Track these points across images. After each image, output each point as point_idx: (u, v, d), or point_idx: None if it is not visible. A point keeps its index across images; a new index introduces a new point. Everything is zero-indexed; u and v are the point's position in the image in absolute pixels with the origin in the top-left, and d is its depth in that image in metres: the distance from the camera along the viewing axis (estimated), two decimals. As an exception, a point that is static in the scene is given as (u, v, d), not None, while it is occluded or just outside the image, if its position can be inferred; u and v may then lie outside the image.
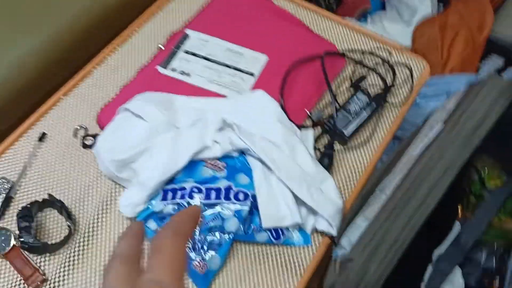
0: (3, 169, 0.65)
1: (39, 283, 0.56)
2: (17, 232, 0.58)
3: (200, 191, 0.60)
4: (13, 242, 0.58)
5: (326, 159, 0.66)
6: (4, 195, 0.62)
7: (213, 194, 0.60)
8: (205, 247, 0.58)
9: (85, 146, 0.68)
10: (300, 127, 0.70)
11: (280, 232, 0.61)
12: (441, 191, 0.49)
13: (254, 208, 0.61)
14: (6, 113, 0.71)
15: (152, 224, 0.60)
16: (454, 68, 1.13)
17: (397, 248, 0.46)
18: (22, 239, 0.56)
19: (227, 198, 0.60)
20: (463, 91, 0.59)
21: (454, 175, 0.50)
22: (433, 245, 0.62)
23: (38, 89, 0.75)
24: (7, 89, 0.71)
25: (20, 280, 0.57)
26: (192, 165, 0.63)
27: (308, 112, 0.71)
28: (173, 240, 0.25)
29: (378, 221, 0.49)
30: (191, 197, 0.60)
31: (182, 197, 0.60)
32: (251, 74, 0.74)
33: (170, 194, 0.61)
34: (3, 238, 0.58)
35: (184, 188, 0.61)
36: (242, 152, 0.66)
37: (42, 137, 0.68)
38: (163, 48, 0.78)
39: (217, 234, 0.59)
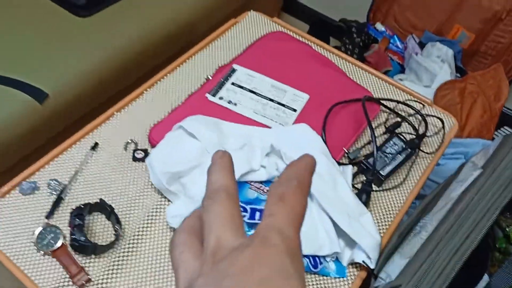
0: (56, 172, 0.68)
1: (84, 282, 0.57)
2: (66, 231, 0.59)
3: (245, 210, 0.63)
4: (61, 240, 0.59)
5: (364, 195, 0.69)
6: (56, 195, 0.64)
7: (257, 215, 0.63)
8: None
9: (135, 159, 0.71)
10: (338, 163, 0.74)
11: (318, 261, 0.63)
12: (483, 230, 0.52)
13: (293, 233, 0.63)
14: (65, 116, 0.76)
15: (195, 238, 0.62)
16: (471, 132, 1.19)
17: (447, 275, 0.48)
18: (74, 236, 0.58)
19: (270, 220, 0.62)
20: (499, 142, 0.64)
21: (494, 217, 0.53)
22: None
23: (94, 100, 0.79)
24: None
25: (65, 277, 0.58)
26: (239, 186, 0.66)
27: (346, 150, 0.76)
28: (296, 191, 0.24)
29: (423, 251, 0.52)
30: (236, 215, 0.62)
31: (227, 214, 0.62)
32: (294, 110, 0.79)
33: (215, 211, 0.63)
34: (52, 235, 0.60)
35: (229, 207, 0.63)
36: (284, 180, 0.69)
37: (94, 147, 0.71)
38: (211, 78, 0.83)
39: (258, 254, 0.61)
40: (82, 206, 0.61)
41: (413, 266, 0.50)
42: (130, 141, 0.73)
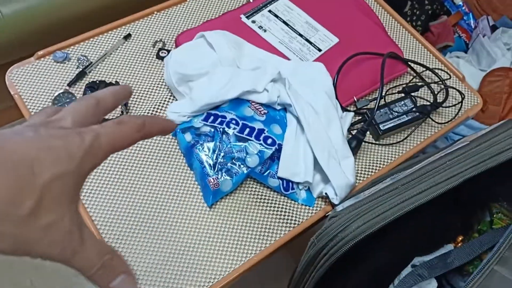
0: (88, 49, 0.76)
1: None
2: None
3: (237, 124, 0.68)
4: (75, 105, 0.68)
5: (354, 142, 0.72)
6: (81, 69, 0.73)
7: (246, 130, 0.68)
8: (223, 171, 0.66)
9: (158, 56, 0.77)
10: (343, 109, 0.76)
11: (291, 185, 0.68)
12: (438, 191, 0.53)
13: (276, 156, 0.68)
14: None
15: (188, 137, 0.69)
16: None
17: (382, 219, 0.51)
18: (84, 104, 0.66)
19: (257, 138, 0.67)
20: (498, 124, 0.63)
21: (455, 184, 0.54)
22: (419, 254, 0.66)
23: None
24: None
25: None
26: (239, 101, 0.71)
27: (355, 98, 0.77)
28: (129, 127, 0.29)
29: (374, 195, 0.55)
30: (228, 125, 0.68)
31: (221, 123, 0.68)
32: (319, 50, 0.81)
33: (211, 118, 0.69)
34: (68, 100, 0.69)
35: (224, 117, 0.69)
36: (285, 109, 0.73)
37: (127, 37, 0.78)
38: (251, 1, 0.86)
39: (237, 164, 0.66)
40: (97, 82, 0.69)
41: (359, 203, 0.54)
42: (159, 40, 0.79)
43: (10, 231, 0.23)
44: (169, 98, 0.74)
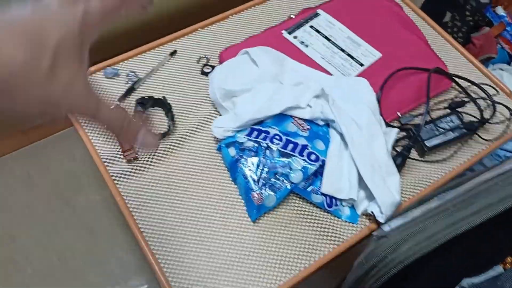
0: (136, 66, 0.78)
1: (132, 158, 0.68)
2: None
3: (280, 139, 0.68)
4: (124, 120, 0.70)
5: (399, 159, 0.71)
6: (130, 84, 0.75)
7: (290, 146, 0.68)
8: (267, 186, 0.66)
9: (203, 72, 0.79)
10: (387, 124, 0.75)
11: (334, 201, 0.68)
12: (491, 214, 0.52)
13: (319, 172, 0.68)
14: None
15: (232, 151, 0.70)
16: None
17: (434, 241, 0.50)
18: (133, 119, 0.68)
19: (300, 154, 0.67)
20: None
21: (509, 205, 0.52)
22: (467, 274, 0.64)
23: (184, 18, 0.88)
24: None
25: (118, 151, 0.69)
26: (282, 117, 0.71)
27: (399, 114, 0.76)
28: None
29: (424, 216, 0.54)
30: (271, 141, 0.68)
31: (264, 138, 0.68)
32: (361, 64, 0.81)
33: (255, 133, 0.70)
34: (118, 115, 0.71)
35: (268, 132, 0.69)
36: (327, 124, 0.73)
37: (173, 53, 0.80)
38: (293, 17, 0.87)
39: (281, 179, 0.67)
40: (147, 98, 0.71)
41: (409, 224, 0.53)
42: (203, 56, 0.81)
43: (36, 93, 0.27)
44: (214, 113, 0.75)
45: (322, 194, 0.67)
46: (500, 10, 1.47)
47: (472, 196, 0.55)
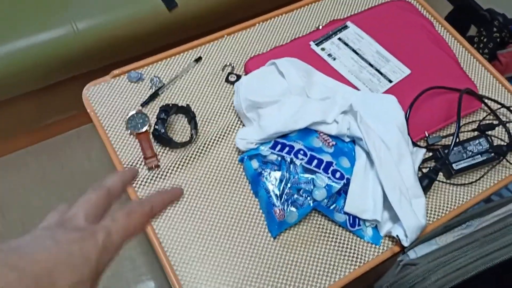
0: (161, 71, 0.77)
1: (153, 165, 0.67)
2: (154, 121, 0.69)
3: (305, 154, 0.67)
4: (147, 126, 0.70)
5: (426, 181, 0.69)
6: (154, 89, 0.74)
7: (314, 162, 0.67)
8: (289, 202, 0.65)
9: (227, 80, 0.78)
10: (414, 144, 0.73)
11: (357, 222, 0.66)
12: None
13: (343, 191, 0.66)
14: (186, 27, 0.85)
15: (255, 164, 0.68)
16: None
17: (465, 272, 0.48)
18: (156, 127, 0.67)
19: (325, 170, 0.66)
20: None
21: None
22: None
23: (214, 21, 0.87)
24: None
25: (141, 158, 0.68)
26: (307, 131, 0.70)
27: (427, 134, 0.74)
28: (144, 215, 0.31)
29: (453, 245, 0.52)
30: (296, 156, 0.67)
31: (288, 153, 0.67)
32: (390, 81, 0.79)
33: (279, 146, 0.68)
34: (141, 121, 0.70)
35: (292, 147, 0.68)
36: (353, 141, 0.71)
37: (198, 59, 0.79)
38: (321, 28, 0.86)
39: (303, 196, 0.65)
40: (171, 105, 0.70)
41: (438, 253, 0.51)
42: (228, 64, 0.80)
43: None
44: (237, 123, 0.74)
45: (345, 213, 0.66)
46: (527, 28, 1.43)
47: (503, 227, 0.53)
